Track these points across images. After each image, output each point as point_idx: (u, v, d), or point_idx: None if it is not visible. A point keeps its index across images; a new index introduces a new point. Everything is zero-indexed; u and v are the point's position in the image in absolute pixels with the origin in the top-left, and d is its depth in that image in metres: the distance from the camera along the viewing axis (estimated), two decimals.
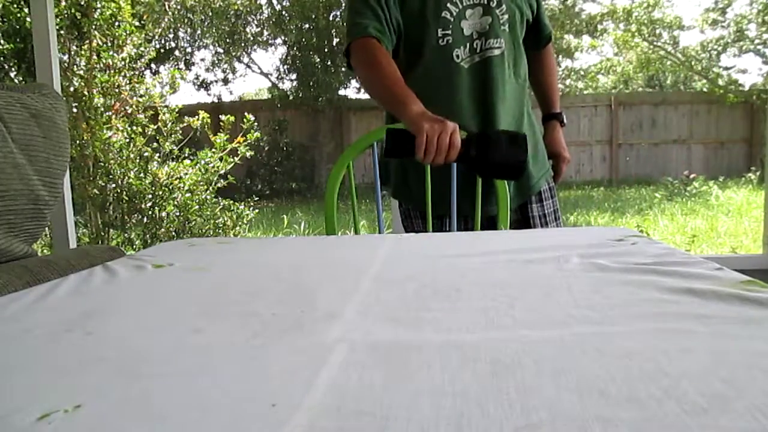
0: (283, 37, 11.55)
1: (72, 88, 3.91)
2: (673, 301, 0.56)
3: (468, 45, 1.40)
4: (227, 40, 11.49)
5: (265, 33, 11.71)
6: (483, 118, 1.42)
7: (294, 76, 11.56)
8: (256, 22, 11.65)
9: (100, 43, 4.02)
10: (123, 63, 4.06)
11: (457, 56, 1.40)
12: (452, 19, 1.39)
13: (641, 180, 9.32)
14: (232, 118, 4.20)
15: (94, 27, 3.99)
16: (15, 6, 4.63)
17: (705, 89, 10.85)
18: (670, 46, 11.90)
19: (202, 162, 4.16)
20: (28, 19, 4.34)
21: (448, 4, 1.39)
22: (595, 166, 9.60)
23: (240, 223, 4.35)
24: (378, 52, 1.33)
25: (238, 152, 4.25)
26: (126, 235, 4.18)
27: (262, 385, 0.41)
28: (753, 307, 0.53)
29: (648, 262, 0.73)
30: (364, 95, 9.68)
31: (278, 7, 11.43)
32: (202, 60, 13.63)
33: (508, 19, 1.42)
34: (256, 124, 4.35)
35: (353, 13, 1.40)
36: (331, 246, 1.06)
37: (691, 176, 8.20)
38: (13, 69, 5.22)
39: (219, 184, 4.27)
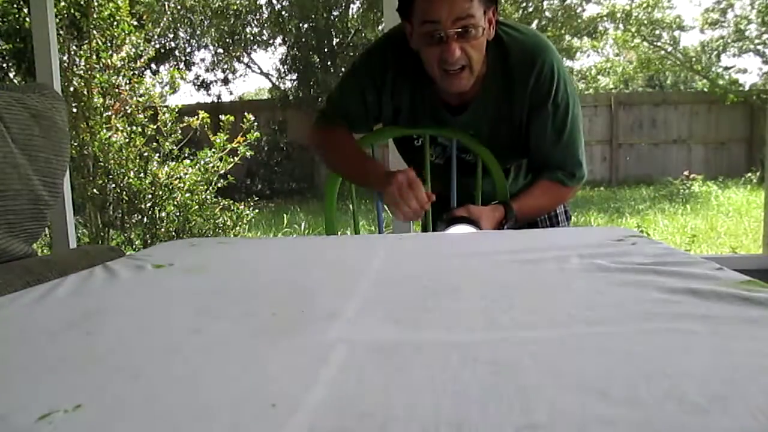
0: (283, 37, 11.54)
1: (72, 88, 3.90)
2: (673, 301, 0.56)
3: (441, 149, 1.44)
4: (227, 40, 11.48)
5: (265, 33, 11.70)
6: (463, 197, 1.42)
7: (294, 76, 11.56)
8: (255, 22, 11.64)
9: (100, 43, 4.02)
10: (122, 63, 4.05)
11: (431, 155, 1.44)
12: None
13: (641, 180, 9.30)
14: (231, 118, 4.19)
15: (93, 27, 3.99)
16: (14, 6, 4.62)
17: (705, 89, 10.84)
18: (670, 46, 11.90)
19: (202, 162, 4.15)
20: (27, 19, 4.33)
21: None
22: (595, 166, 9.58)
23: (240, 223, 4.34)
24: (340, 139, 1.45)
25: (238, 152, 4.24)
26: (126, 235, 4.18)
27: (262, 385, 0.41)
28: (753, 307, 0.53)
29: (648, 262, 0.73)
30: None
31: (278, 7, 11.42)
32: (202, 60, 13.59)
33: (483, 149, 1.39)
34: (255, 124, 4.34)
35: (338, 95, 1.49)
36: (331, 246, 1.06)
37: (691, 176, 8.19)
38: (12, 69, 5.22)
39: (219, 184, 4.26)
